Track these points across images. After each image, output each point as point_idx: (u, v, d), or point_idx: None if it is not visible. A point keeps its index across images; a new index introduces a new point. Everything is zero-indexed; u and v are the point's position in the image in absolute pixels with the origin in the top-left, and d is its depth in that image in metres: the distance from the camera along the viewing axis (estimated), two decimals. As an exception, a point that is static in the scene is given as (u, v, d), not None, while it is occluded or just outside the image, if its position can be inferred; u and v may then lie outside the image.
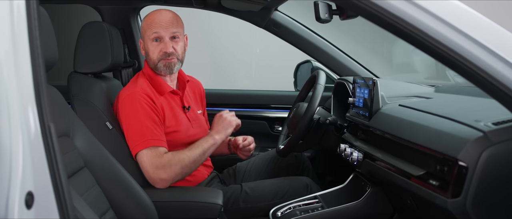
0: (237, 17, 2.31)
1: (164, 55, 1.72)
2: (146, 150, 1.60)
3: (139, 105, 1.64)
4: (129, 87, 1.74)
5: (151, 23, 1.73)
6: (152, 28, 1.72)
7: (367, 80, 1.58)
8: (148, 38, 1.73)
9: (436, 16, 0.88)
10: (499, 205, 0.99)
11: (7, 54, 0.75)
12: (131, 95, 1.67)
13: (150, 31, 1.72)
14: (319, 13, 1.21)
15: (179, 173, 1.62)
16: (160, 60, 1.73)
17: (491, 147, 0.95)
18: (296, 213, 1.64)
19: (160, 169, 1.59)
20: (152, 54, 1.74)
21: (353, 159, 1.53)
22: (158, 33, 1.71)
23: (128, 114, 1.65)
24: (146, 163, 1.60)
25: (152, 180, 1.61)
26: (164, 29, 1.72)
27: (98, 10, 2.34)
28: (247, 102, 2.64)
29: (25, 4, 0.78)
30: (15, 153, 0.73)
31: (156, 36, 1.72)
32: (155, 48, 1.73)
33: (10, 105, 0.74)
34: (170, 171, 1.60)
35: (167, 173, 1.59)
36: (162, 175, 1.59)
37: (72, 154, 1.25)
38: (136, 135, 1.62)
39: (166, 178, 1.60)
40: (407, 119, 1.30)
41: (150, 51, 1.74)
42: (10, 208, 0.71)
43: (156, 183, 1.61)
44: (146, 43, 1.75)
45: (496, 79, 0.87)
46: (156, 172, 1.59)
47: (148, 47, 1.75)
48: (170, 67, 1.74)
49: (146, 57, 1.77)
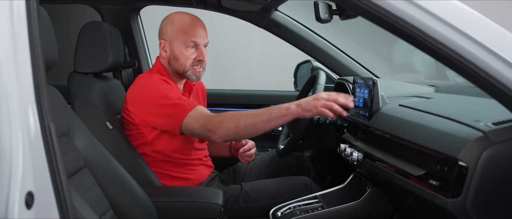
0: (237, 17, 2.32)
1: (197, 63, 1.74)
2: (188, 116, 1.59)
3: (162, 87, 1.65)
4: (141, 79, 1.72)
5: (190, 29, 1.72)
6: (190, 35, 1.72)
7: (367, 80, 1.58)
8: (182, 43, 1.72)
9: (436, 16, 0.88)
10: (499, 205, 0.99)
11: (7, 54, 0.75)
12: (148, 83, 1.67)
13: (187, 37, 1.72)
14: (319, 13, 1.21)
15: (233, 131, 1.55)
16: (191, 67, 1.74)
17: (491, 147, 0.95)
18: (296, 213, 1.64)
19: (211, 125, 1.56)
20: (185, 60, 1.73)
21: (353, 159, 1.53)
22: (196, 41, 1.73)
23: (151, 99, 1.64)
24: (194, 126, 1.58)
25: (206, 137, 1.61)
26: (202, 37, 1.74)
27: (98, 10, 2.34)
28: (247, 102, 2.64)
29: (25, 4, 0.78)
30: (15, 153, 0.73)
31: (193, 44, 1.73)
32: (190, 55, 1.73)
33: (10, 105, 0.74)
34: (222, 126, 1.54)
35: (220, 129, 1.55)
36: (215, 130, 1.55)
37: (72, 154, 1.25)
38: (170, 111, 1.61)
39: (219, 133, 1.55)
40: (407, 119, 1.30)
41: (182, 56, 1.73)
42: (10, 208, 0.71)
43: (210, 138, 1.59)
44: (178, 47, 1.73)
45: (496, 79, 0.87)
46: (208, 127, 1.56)
47: (180, 51, 1.73)
48: (198, 76, 1.77)
49: (174, 61, 1.75)
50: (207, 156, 1.94)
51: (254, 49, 4.01)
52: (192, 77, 1.77)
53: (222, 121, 1.56)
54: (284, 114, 1.51)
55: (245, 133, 1.56)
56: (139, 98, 1.66)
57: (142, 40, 2.48)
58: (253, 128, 1.54)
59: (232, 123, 1.54)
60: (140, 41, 2.45)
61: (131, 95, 1.69)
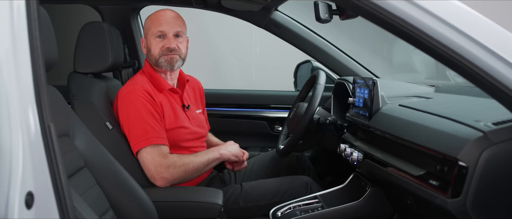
0: (237, 17, 2.31)
1: (167, 50, 1.75)
2: (149, 148, 1.61)
3: (140, 102, 1.65)
4: (128, 85, 1.74)
5: (156, 20, 1.76)
6: (156, 25, 1.75)
7: (367, 80, 1.58)
8: (151, 35, 1.76)
9: (436, 16, 0.88)
10: (499, 205, 0.99)
11: (7, 54, 0.75)
12: (131, 92, 1.68)
13: (154, 28, 1.75)
14: (319, 13, 1.21)
15: (181, 176, 1.64)
16: (161, 56, 1.75)
17: (491, 147, 0.95)
18: (296, 213, 1.64)
19: (163, 168, 1.61)
20: (154, 50, 1.76)
21: (353, 159, 1.53)
22: (163, 30, 1.75)
23: (129, 112, 1.66)
24: (148, 161, 1.61)
25: (153, 178, 1.62)
26: (168, 26, 1.75)
27: (98, 10, 2.34)
28: (247, 102, 2.64)
29: (25, 4, 0.78)
30: (15, 153, 0.73)
31: (160, 33, 1.75)
32: (158, 44, 1.75)
33: (10, 105, 0.74)
34: (173, 171, 1.62)
35: (170, 173, 1.61)
36: (165, 174, 1.61)
37: (72, 154, 1.25)
38: (138, 132, 1.63)
39: (168, 178, 1.62)
40: (407, 119, 1.30)
41: (152, 47, 1.76)
42: (10, 208, 0.71)
43: (157, 181, 1.62)
44: (149, 40, 1.77)
45: (496, 79, 0.87)
46: (159, 170, 1.60)
47: (150, 43, 1.77)
48: (171, 63, 1.76)
49: (148, 54, 1.80)
50: None
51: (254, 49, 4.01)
52: (165, 65, 1.76)
53: (174, 166, 1.62)
54: (217, 158, 1.77)
55: (190, 177, 1.69)
56: (120, 105, 1.69)
57: (142, 40, 2.48)
58: (197, 172, 1.70)
59: (182, 169, 1.64)
60: (140, 41, 2.45)
61: (117, 100, 1.73)
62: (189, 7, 2.33)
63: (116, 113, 1.72)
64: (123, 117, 1.68)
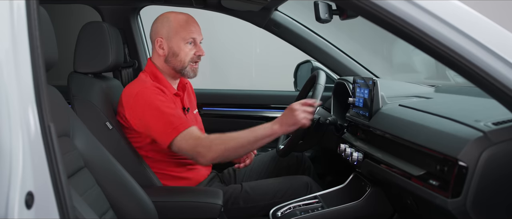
0: (237, 17, 2.31)
1: (197, 58, 1.76)
2: (179, 136, 1.59)
3: (155, 98, 1.64)
4: (137, 85, 1.71)
5: (186, 25, 1.74)
6: (187, 31, 1.73)
7: (367, 80, 1.58)
8: (181, 39, 1.73)
9: (436, 16, 0.88)
10: (499, 205, 0.99)
11: (7, 54, 0.75)
12: (143, 91, 1.66)
13: (185, 33, 1.73)
14: (319, 13, 1.21)
15: (221, 154, 1.58)
16: (189, 63, 1.75)
17: (491, 147, 0.95)
18: (296, 213, 1.64)
19: (201, 148, 1.57)
20: (185, 56, 1.74)
21: (353, 159, 1.53)
22: (195, 37, 1.75)
23: (145, 110, 1.63)
24: (184, 147, 1.59)
25: (194, 159, 1.61)
26: (198, 33, 1.76)
27: (98, 10, 2.34)
28: (247, 102, 2.64)
29: (25, 4, 0.78)
30: (15, 153, 0.73)
31: (192, 40, 1.74)
32: (190, 50, 1.75)
33: (10, 105, 0.74)
34: (211, 150, 1.57)
35: (209, 151, 1.57)
36: (203, 152, 1.57)
37: (72, 154, 1.25)
38: (163, 126, 1.60)
39: (207, 156, 1.58)
40: (407, 119, 1.30)
41: (182, 52, 1.74)
42: (10, 208, 0.71)
43: (200, 160, 1.60)
44: (177, 43, 1.74)
45: (496, 79, 0.87)
46: (197, 150, 1.58)
47: (179, 47, 1.74)
48: (195, 72, 1.79)
49: (172, 57, 1.75)
50: None
51: (254, 49, 4.01)
52: (190, 73, 1.77)
53: (212, 144, 1.58)
54: (269, 134, 1.57)
55: (233, 155, 1.62)
56: (133, 106, 1.65)
57: (142, 40, 2.48)
58: (242, 149, 1.59)
59: (222, 146, 1.58)
60: (140, 41, 2.45)
61: (128, 101, 1.68)
62: (189, 7, 2.32)
63: (127, 114, 1.68)
64: (139, 117, 1.65)
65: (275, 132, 1.57)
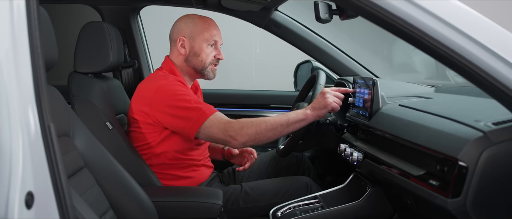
0: (237, 17, 2.32)
1: (216, 61, 1.81)
2: (206, 122, 1.59)
3: (179, 89, 1.66)
4: (157, 79, 1.71)
5: (209, 27, 1.78)
6: (210, 33, 1.78)
7: (367, 80, 1.58)
8: (203, 40, 1.77)
9: (436, 16, 0.88)
10: (499, 205, 0.99)
11: (7, 54, 0.75)
12: (166, 84, 1.66)
13: (208, 34, 1.77)
14: (319, 13, 1.21)
15: (253, 137, 1.58)
16: (210, 65, 1.79)
17: (491, 147, 0.95)
18: (296, 213, 1.64)
19: (232, 131, 1.57)
20: (206, 57, 1.78)
21: (353, 159, 1.53)
22: (217, 40, 1.79)
23: (172, 100, 1.63)
24: (214, 131, 1.59)
25: (225, 142, 1.61)
26: (219, 37, 1.81)
27: (98, 10, 2.35)
28: (247, 102, 2.64)
29: (25, 4, 0.78)
30: (15, 153, 0.73)
31: (214, 42, 1.79)
32: (211, 52, 1.79)
33: (10, 105, 0.74)
34: (243, 132, 1.57)
35: (240, 134, 1.57)
36: (235, 136, 1.57)
37: (72, 154, 1.25)
38: (190, 115, 1.61)
39: (240, 139, 1.58)
40: (407, 119, 1.30)
41: (203, 52, 1.77)
42: (10, 208, 0.71)
43: (230, 143, 1.60)
44: (199, 44, 1.77)
45: (496, 79, 0.87)
46: (229, 134, 1.57)
47: (201, 48, 1.77)
48: (214, 73, 1.83)
49: (193, 57, 1.78)
50: (208, 156, 1.94)
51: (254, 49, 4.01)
52: (210, 74, 1.81)
53: (243, 127, 1.57)
54: (302, 119, 1.60)
55: (265, 138, 1.59)
56: (157, 98, 1.65)
57: (142, 40, 2.48)
58: (273, 133, 1.58)
59: (253, 129, 1.57)
60: (140, 41, 2.45)
61: (147, 95, 1.67)
62: (189, 7, 2.33)
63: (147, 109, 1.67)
64: (161, 110, 1.64)
65: (307, 117, 1.60)
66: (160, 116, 1.65)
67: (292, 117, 1.59)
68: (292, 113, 1.61)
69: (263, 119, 1.60)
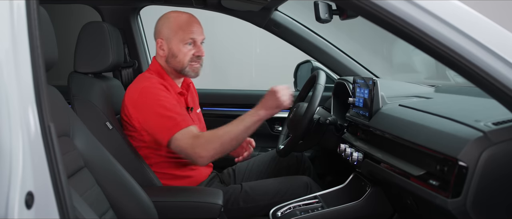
0: (237, 17, 2.32)
1: (196, 58, 1.76)
2: (178, 133, 1.60)
3: (160, 94, 1.65)
4: (142, 80, 1.72)
5: (185, 25, 1.74)
6: (187, 31, 1.73)
7: (367, 80, 1.58)
8: (179, 40, 1.74)
9: (436, 16, 0.88)
10: (499, 205, 0.99)
11: (7, 54, 0.75)
12: (149, 87, 1.66)
13: (184, 34, 1.73)
14: (319, 13, 1.21)
15: (219, 150, 1.60)
16: (189, 64, 1.75)
17: (491, 147, 0.95)
18: (296, 213, 1.64)
19: (199, 148, 1.58)
20: (184, 57, 1.74)
21: (353, 159, 1.53)
22: (194, 38, 1.74)
23: (149, 105, 1.64)
24: (183, 145, 1.59)
25: (193, 159, 1.61)
26: (198, 33, 1.75)
27: (98, 10, 2.35)
28: (247, 102, 2.64)
29: (25, 4, 0.78)
30: (15, 153, 0.73)
31: (191, 40, 1.74)
32: (188, 51, 1.75)
33: (10, 105, 0.74)
34: (209, 147, 1.58)
35: (207, 150, 1.58)
36: (202, 153, 1.58)
37: (72, 154, 1.25)
38: (164, 123, 1.61)
39: (206, 155, 1.59)
40: (407, 119, 1.30)
41: (180, 53, 1.74)
42: (10, 208, 0.71)
43: (198, 161, 1.61)
44: (176, 45, 1.74)
45: (496, 79, 0.87)
46: (196, 151, 1.58)
47: (178, 48, 1.74)
48: (197, 72, 1.79)
49: (171, 58, 1.76)
50: None
51: (254, 49, 4.01)
52: (191, 73, 1.78)
53: (209, 142, 1.59)
54: (257, 120, 1.61)
55: (230, 148, 1.63)
56: (140, 100, 1.66)
57: (142, 40, 2.48)
58: (236, 141, 1.62)
59: (218, 142, 1.59)
60: (140, 41, 2.45)
61: (132, 97, 1.69)
62: (189, 7, 2.32)
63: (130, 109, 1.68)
64: (141, 111, 1.65)
65: (261, 117, 1.62)
66: (141, 117, 1.66)
67: (248, 121, 1.61)
68: (247, 116, 1.62)
69: (225, 129, 1.60)
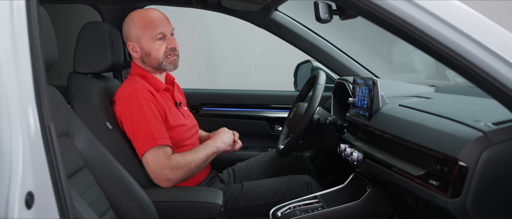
0: (237, 17, 2.31)
1: (170, 51, 1.75)
2: (154, 149, 1.60)
3: (144, 102, 1.64)
4: (128, 86, 1.72)
5: (150, 23, 1.73)
6: (153, 28, 1.72)
7: (367, 80, 1.58)
8: (149, 39, 1.73)
9: (436, 16, 0.88)
10: (499, 205, 0.99)
11: (7, 54, 0.75)
12: (133, 93, 1.66)
13: (152, 31, 1.72)
14: (319, 13, 1.21)
15: (185, 175, 1.64)
16: (165, 58, 1.75)
17: (491, 147, 0.95)
18: (296, 213, 1.64)
19: (168, 170, 1.60)
20: (157, 53, 1.74)
21: (353, 159, 1.53)
22: (162, 31, 1.73)
23: (133, 113, 1.64)
24: (153, 163, 1.60)
25: (158, 179, 1.61)
26: (165, 26, 1.74)
27: (98, 10, 2.34)
28: (247, 102, 2.64)
29: (25, 4, 0.78)
30: (15, 153, 0.73)
31: (160, 35, 1.73)
32: (160, 47, 1.74)
33: (10, 105, 0.74)
34: (177, 172, 1.61)
35: (175, 174, 1.61)
36: (170, 176, 1.60)
37: (72, 154, 1.25)
38: (143, 134, 1.61)
39: (173, 179, 1.62)
40: (407, 119, 1.30)
41: (153, 50, 1.74)
42: (10, 208, 0.71)
43: (162, 183, 1.62)
44: (147, 44, 1.74)
45: (496, 79, 0.87)
46: (164, 172, 1.60)
47: (150, 47, 1.74)
48: (175, 64, 1.79)
49: (146, 57, 1.76)
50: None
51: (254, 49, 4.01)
52: (169, 66, 1.77)
53: (178, 167, 1.61)
54: (215, 152, 1.76)
55: (191, 176, 1.68)
56: (123, 105, 1.67)
57: (142, 40, 2.48)
58: (198, 169, 1.70)
59: (185, 169, 1.63)
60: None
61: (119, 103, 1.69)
62: (189, 7, 2.32)
63: (119, 114, 1.70)
64: (127, 118, 1.66)
65: (218, 149, 1.77)
66: (125, 121, 1.67)
67: (209, 151, 1.73)
68: (208, 147, 1.74)
69: (192, 156, 1.67)
